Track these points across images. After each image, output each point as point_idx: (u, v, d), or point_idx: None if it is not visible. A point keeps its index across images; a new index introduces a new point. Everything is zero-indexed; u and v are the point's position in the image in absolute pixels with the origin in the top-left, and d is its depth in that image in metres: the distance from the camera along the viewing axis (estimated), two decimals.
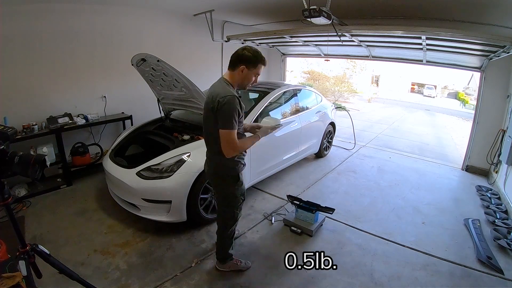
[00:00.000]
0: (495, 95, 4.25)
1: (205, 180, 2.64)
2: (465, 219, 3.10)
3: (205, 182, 2.65)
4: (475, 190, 3.94)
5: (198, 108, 3.13)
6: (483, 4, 2.91)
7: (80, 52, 3.82)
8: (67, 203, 3.23)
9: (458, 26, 3.45)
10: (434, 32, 3.12)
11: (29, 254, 1.41)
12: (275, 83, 4.33)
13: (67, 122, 3.54)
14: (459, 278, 2.29)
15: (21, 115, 3.33)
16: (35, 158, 1.30)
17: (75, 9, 3.64)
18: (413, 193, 3.80)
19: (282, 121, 3.49)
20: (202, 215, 2.74)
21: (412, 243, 2.69)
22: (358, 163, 4.87)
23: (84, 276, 1.91)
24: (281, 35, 4.47)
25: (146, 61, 2.83)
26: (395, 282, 2.21)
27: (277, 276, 2.23)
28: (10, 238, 1.54)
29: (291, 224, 2.81)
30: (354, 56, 6.15)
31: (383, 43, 4.46)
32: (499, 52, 3.41)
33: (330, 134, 5.00)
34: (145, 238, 2.64)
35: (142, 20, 4.40)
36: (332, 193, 3.70)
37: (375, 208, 3.35)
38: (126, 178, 2.63)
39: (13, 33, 3.21)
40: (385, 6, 3.53)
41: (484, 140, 4.38)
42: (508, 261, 2.49)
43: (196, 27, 4.97)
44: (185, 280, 2.15)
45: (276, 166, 3.70)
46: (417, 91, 25.29)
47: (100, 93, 4.12)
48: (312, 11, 2.78)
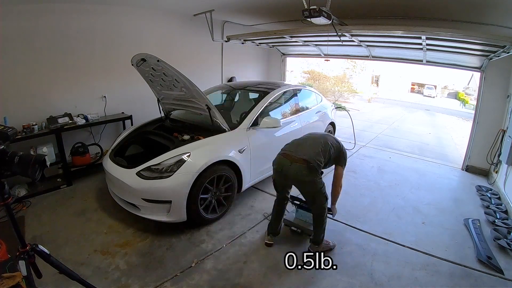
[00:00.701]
0: (495, 95, 4.25)
1: (205, 180, 2.65)
2: (465, 219, 3.10)
3: (205, 182, 2.66)
4: (475, 190, 3.94)
5: (198, 108, 3.13)
6: (483, 4, 2.91)
7: (80, 52, 3.82)
8: (67, 203, 3.23)
9: (458, 26, 3.45)
10: (434, 32, 3.12)
11: (29, 254, 1.41)
12: (275, 83, 4.33)
13: (67, 122, 3.54)
14: (459, 278, 2.29)
15: (21, 115, 3.33)
16: (35, 158, 1.30)
17: (75, 9, 3.64)
18: (413, 193, 3.80)
19: (282, 121, 3.51)
20: (202, 215, 2.74)
21: (412, 243, 2.69)
22: (358, 163, 4.87)
23: (84, 276, 1.92)
24: (281, 35, 4.47)
25: (146, 61, 2.83)
26: (395, 282, 2.21)
27: (277, 276, 2.23)
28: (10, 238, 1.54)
29: (291, 224, 2.81)
30: (354, 56, 6.16)
31: (383, 43, 4.46)
32: (499, 52, 3.41)
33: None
34: (145, 238, 2.64)
35: (142, 20, 4.40)
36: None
37: (375, 208, 3.35)
38: (126, 178, 2.63)
39: (13, 33, 3.21)
40: (385, 6, 3.53)
41: (484, 140, 4.38)
42: (508, 261, 2.50)
43: (196, 27, 4.97)
44: (185, 280, 2.15)
45: None
46: (417, 91, 25.28)
47: (100, 93, 4.12)
48: (312, 11, 2.78)
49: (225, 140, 2.98)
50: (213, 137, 2.94)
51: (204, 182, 2.65)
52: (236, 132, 3.10)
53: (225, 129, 3.05)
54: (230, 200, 3.03)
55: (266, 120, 3.24)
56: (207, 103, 2.91)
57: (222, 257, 2.42)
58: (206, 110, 2.97)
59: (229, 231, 2.79)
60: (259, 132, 3.26)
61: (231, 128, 3.09)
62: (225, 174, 2.85)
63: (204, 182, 2.64)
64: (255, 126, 3.25)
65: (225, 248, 2.54)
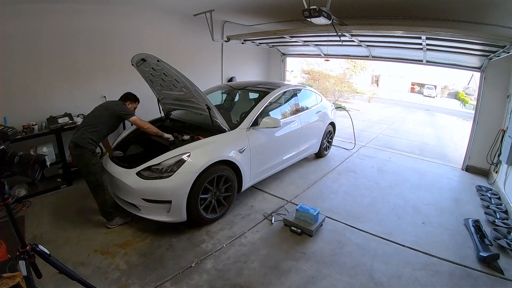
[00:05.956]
0: (495, 95, 4.25)
1: (205, 180, 2.65)
2: (465, 219, 3.10)
3: (205, 182, 2.66)
4: (475, 190, 3.94)
5: (198, 108, 3.13)
6: (483, 4, 2.91)
7: (80, 52, 3.82)
8: (67, 203, 3.23)
9: (458, 26, 3.45)
10: (434, 32, 3.12)
11: (29, 254, 1.41)
12: (275, 83, 4.33)
13: (67, 122, 3.54)
14: (459, 278, 2.29)
15: (21, 115, 3.33)
16: (35, 158, 1.30)
17: (75, 9, 3.64)
18: (413, 193, 3.81)
19: (282, 121, 3.52)
20: (202, 215, 2.74)
21: (412, 243, 2.69)
22: (358, 163, 4.87)
23: (84, 276, 1.92)
24: (281, 35, 4.47)
25: (146, 61, 2.83)
26: (395, 282, 2.21)
27: (277, 276, 2.23)
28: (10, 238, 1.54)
29: (291, 224, 2.81)
30: (354, 56, 6.16)
31: (383, 43, 4.46)
32: (499, 52, 3.41)
33: (330, 134, 5.00)
34: (145, 238, 2.64)
35: (142, 20, 4.40)
36: (332, 193, 3.70)
37: (375, 208, 3.35)
38: (126, 178, 2.63)
39: (13, 33, 3.21)
40: (385, 6, 3.52)
41: (484, 140, 4.38)
42: (508, 261, 2.50)
43: (196, 27, 4.97)
44: (185, 280, 2.15)
45: (276, 166, 3.69)
46: (417, 91, 25.27)
47: (100, 93, 4.11)
48: (312, 11, 2.78)
49: (225, 140, 2.98)
50: (213, 137, 2.94)
51: (204, 182, 2.65)
52: (236, 132, 3.10)
53: (225, 129, 3.05)
54: (230, 200, 3.03)
55: (266, 120, 3.24)
56: (207, 103, 2.91)
57: (222, 257, 2.42)
58: (206, 110, 2.96)
59: (229, 231, 2.79)
60: (259, 132, 3.26)
61: (231, 128, 3.09)
62: (225, 174, 2.85)
63: (204, 182, 2.64)
64: (255, 126, 3.25)
65: (225, 248, 2.54)
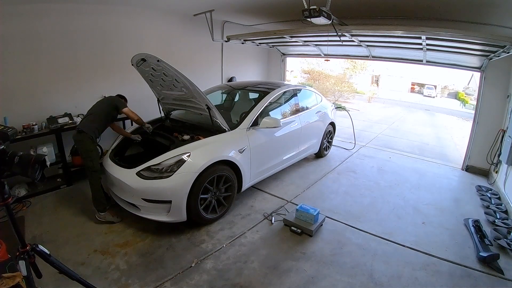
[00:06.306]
0: (495, 95, 4.25)
1: (205, 180, 2.65)
2: (465, 219, 3.10)
3: (205, 182, 2.66)
4: (475, 190, 3.94)
5: (198, 108, 3.13)
6: (483, 4, 2.91)
7: (80, 52, 3.83)
8: (67, 203, 3.24)
9: (458, 26, 3.45)
10: (434, 32, 3.12)
11: (29, 254, 1.41)
12: (275, 83, 4.33)
13: (67, 122, 3.54)
14: (459, 278, 2.29)
15: (21, 115, 3.33)
16: (35, 158, 1.30)
17: (75, 9, 3.64)
18: (413, 193, 3.81)
19: (282, 121, 3.52)
20: (202, 215, 2.74)
21: (412, 243, 2.69)
22: (358, 163, 4.87)
23: (84, 276, 1.92)
24: (281, 35, 4.47)
25: (146, 61, 2.83)
26: (395, 282, 2.21)
27: (277, 276, 2.23)
28: (10, 238, 1.54)
29: (291, 224, 2.81)
30: (354, 56, 6.16)
31: (383, 43, 4.46)
32: (499, 52, 3.41)
33: (330, 134, 5.00)
34: (145, 238, 2.64)
35: (142, 20, 4.40)
36: (332, 193, 3.70)
37: (375, 208, 3.35)
38: (126, 178, 2.63)
39: (13, 33, 3.21)
40: (385, 6, 3.53)
41: (484, 140, 4.38)
42: (508, 261, 2.50)
43: (196, 27, 4.97)
44: (185, 280, 2.15)
45: (276, 166, 3.70)
46: (417, 91, 25.27)
47: (100, 93, 4.09)
48: (312, 11, 2.79)
49: (225, 140, 2.98)
50: (213, 137, 2.94)
51: (204, 182, 2.65)
52: (236, 132, 3.10)
53: (225, 129, 3.05)
54: (230, 200, 3.03)
55: (266, 120, 3.24)
56: (207, 103, 2.91)
57: (222, 257, 2.42)
58: (206, 110, 2.96)
59: (229, 231, 2.79)
60: (259, 132, 3.26)
61: (231, 128, 3.09)
62: (225, 174, 2.85)
63: (204, 182, 2.64)
64: (255, 126, 3.25)
65: (225, 248, 2.54)
